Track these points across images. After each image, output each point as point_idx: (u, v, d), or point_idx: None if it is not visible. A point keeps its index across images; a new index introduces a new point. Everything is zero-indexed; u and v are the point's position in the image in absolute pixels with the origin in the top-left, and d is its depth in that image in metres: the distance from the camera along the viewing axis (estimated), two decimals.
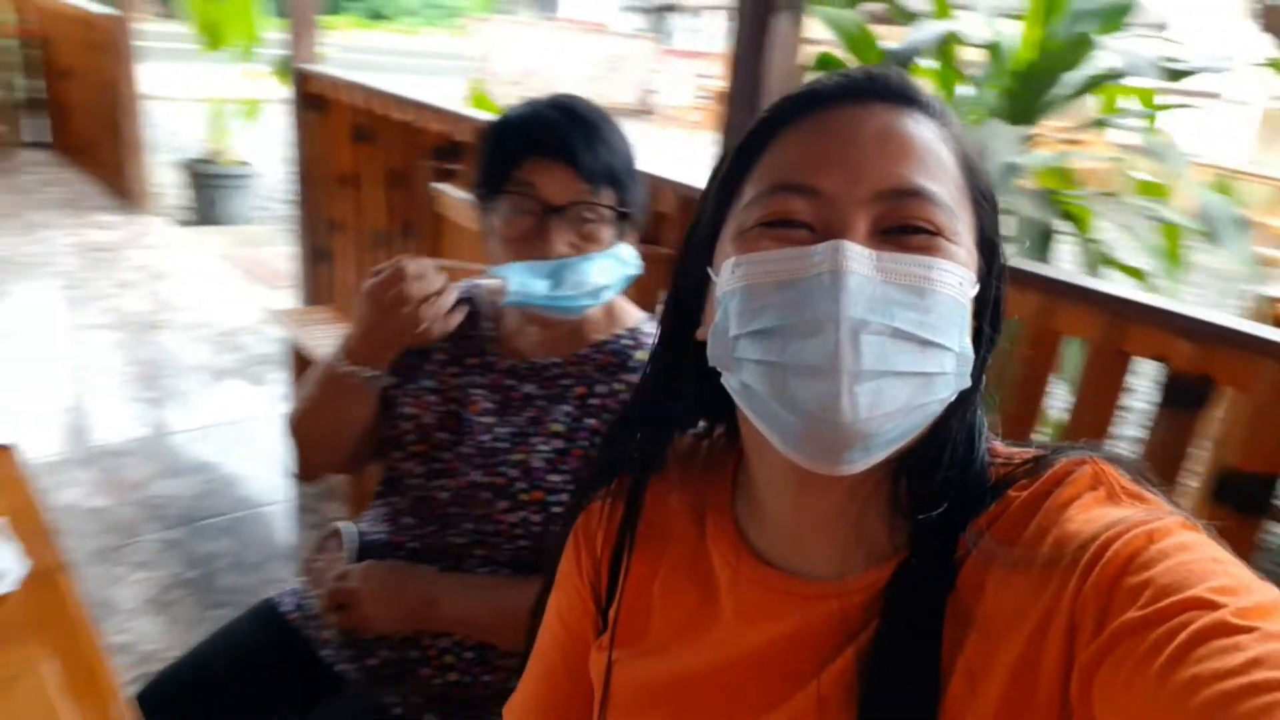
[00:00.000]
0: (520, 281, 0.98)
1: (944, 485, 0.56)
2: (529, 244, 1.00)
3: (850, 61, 1.86)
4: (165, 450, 2.70)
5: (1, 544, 0.93)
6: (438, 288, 1.02)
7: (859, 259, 0.51)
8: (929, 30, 1.75)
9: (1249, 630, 0.41)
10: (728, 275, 0.56)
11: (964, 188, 0.57)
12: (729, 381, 0.56)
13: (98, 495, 2.42)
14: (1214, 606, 0.42)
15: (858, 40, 1.77)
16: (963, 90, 1.93)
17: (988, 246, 0.59)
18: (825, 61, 1.84)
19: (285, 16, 3.08)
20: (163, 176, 5.30)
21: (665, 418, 0.66)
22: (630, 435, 0.67)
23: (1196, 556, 0.46)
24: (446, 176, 2.53)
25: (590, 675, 0.67)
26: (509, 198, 1.00)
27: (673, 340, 0.64)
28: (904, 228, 0.53)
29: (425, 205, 2.44)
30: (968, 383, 0.55)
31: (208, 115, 5.16)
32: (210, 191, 5.17)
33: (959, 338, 0.54)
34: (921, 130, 0.56)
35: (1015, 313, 1.18)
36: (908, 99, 0.57)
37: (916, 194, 0.53)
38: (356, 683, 1.08)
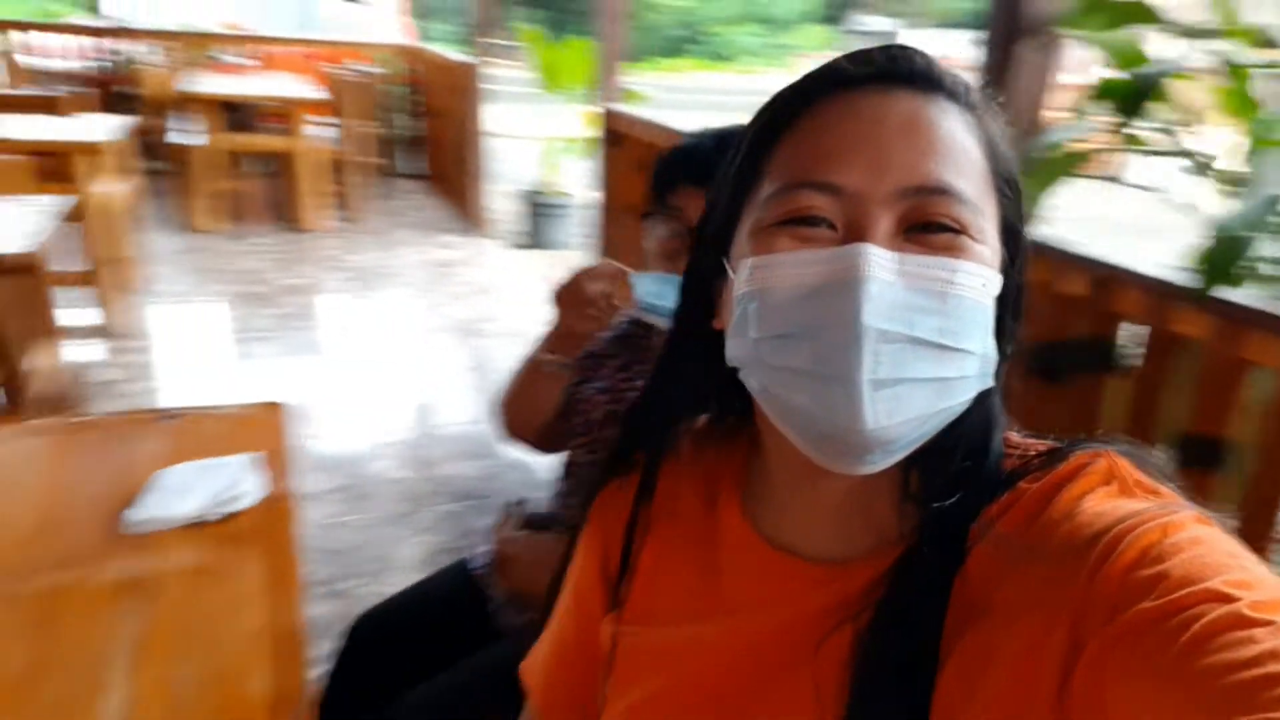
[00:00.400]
0: (651, 291, 1.06)
1: (957, 475, 0.55)
2: (673, 262, 1.08)
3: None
4: (464, 436, 3.08)
5: (252, 471, 1.16)
6: (607, 290, 1.13)
7: (880, 264, 0.50)
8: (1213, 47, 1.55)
9: (1264, 624, 0.40)
10: (746, 276, 0.55)
11: (988, 177, 0.55)
12: (748, 380, 0.56)
13: (403, 469, 2.82)
14: (1229, 600, 0.42)
15: (1130, 59, 1.60)
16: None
17: (1011, 235, 0.57)
18: (1109, 89, 1.67)
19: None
20: (501, 204, 6.00)
21: (680, 403, 0.67)
22: (646, 419, 0.68)
23: (1211, 550, 0.46)
24: None
25: (597, 646, 0.70)
26: (661, 219, 1.09)
27: (688, 328, 0.65)
28: (928, 225, 0.52)
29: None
30: (990, 383, 0.54)
31: (542, 150, 5.78)
32: (540, 218, 5.78)
33: (981, 339, 0.53)
34: (947, 119, 0.54)
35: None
36: (933, 83, 0.55)
37: (942, 191, 0.52)
38: (511, 636, 1.19)
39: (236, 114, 5.06)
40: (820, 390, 0.51)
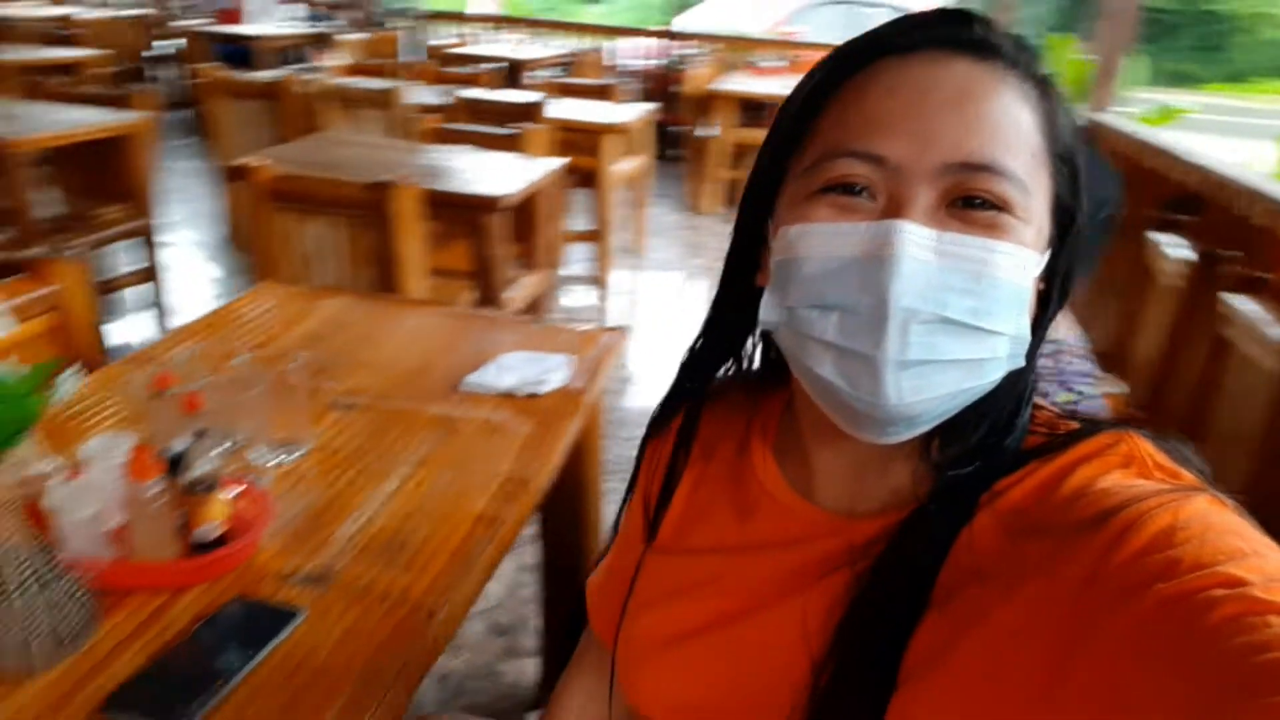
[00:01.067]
0: None
1: (976, 447, 0.56)
2: None
3: None
4: None
5: (565, 368, 1.42)
6: None
7: (916, 242, 0.50)
8: None
9: (1278, 608, 0.40)
10: (784, 242, 0.56)
11: (1042, 152, 0.54)
12: (781, 342, 0.58)
13: None
14: (1242, 583, 0.41)
15: None
16: None
17: (1063, 212, 0.55)
18: None
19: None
20: None
21: (721, 356, 0.69)
22: (691, 369, 0.70)
23: (1223, 534, 0.45)
24: (1168, 226, 2.34)
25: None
26: None
27: (732, 284, 0.65)
28: (971, 200, 0.51)
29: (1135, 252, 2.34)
30: (1021, 363, 0.54)
31: None
32: None
33: (1015, 320, 0.52)
34: (1002, 90, 0.52)
35: None
36: (991, 50, 0.53)
37: (987, 168, 0.51)
38: None
39: (752, 112, 5.58)
40: (846, 365, 0.52)
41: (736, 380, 0.71)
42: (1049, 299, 0.57)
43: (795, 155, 0.57)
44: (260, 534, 0.99)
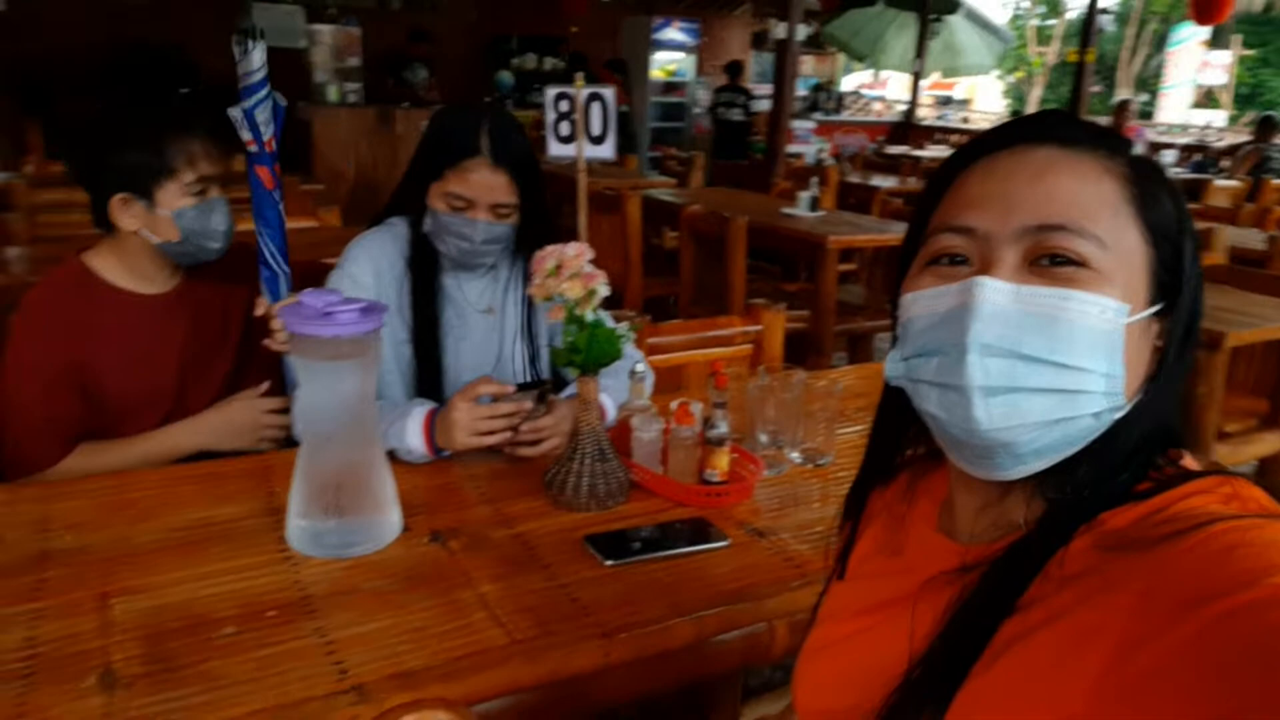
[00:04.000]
0: None
1: (1085, 482, 0.61)
2: None
3: None
4: None
5: None
6: None
7: (995, 291, 0.59)
8: None
9: None
10: (902, 308, 0.66)
11: (1127, 215, 0.60)
12: (909, 391, 0.66)
13: None
14: None
15: None
16: None
17: (1169, 278, 0.61)
18: None
19: None
20: None
21: (894, 433, 0.76)
22: (870, 449, 0.79)
23: None
24: None
25: None
26: None
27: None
28: (1053, 258, 0.59)
29: None
30: (1120, 402, 0.60)
31: None
32: None
33: (1103, 360, 0.58)
34: (1080, 166, 0.60)
35: None
36: (1074, 139, 0.61)
37: (1061, 228, 0.58)
38: None
39: None
40: (945, 398, 0.62)
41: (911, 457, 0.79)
42: (1165, 355, 0.62)
43: (918, 243, 0.68)
44: (747, 494, 1.33)
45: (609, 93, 2.40)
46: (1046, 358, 0.57)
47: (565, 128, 2.38)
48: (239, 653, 0.95)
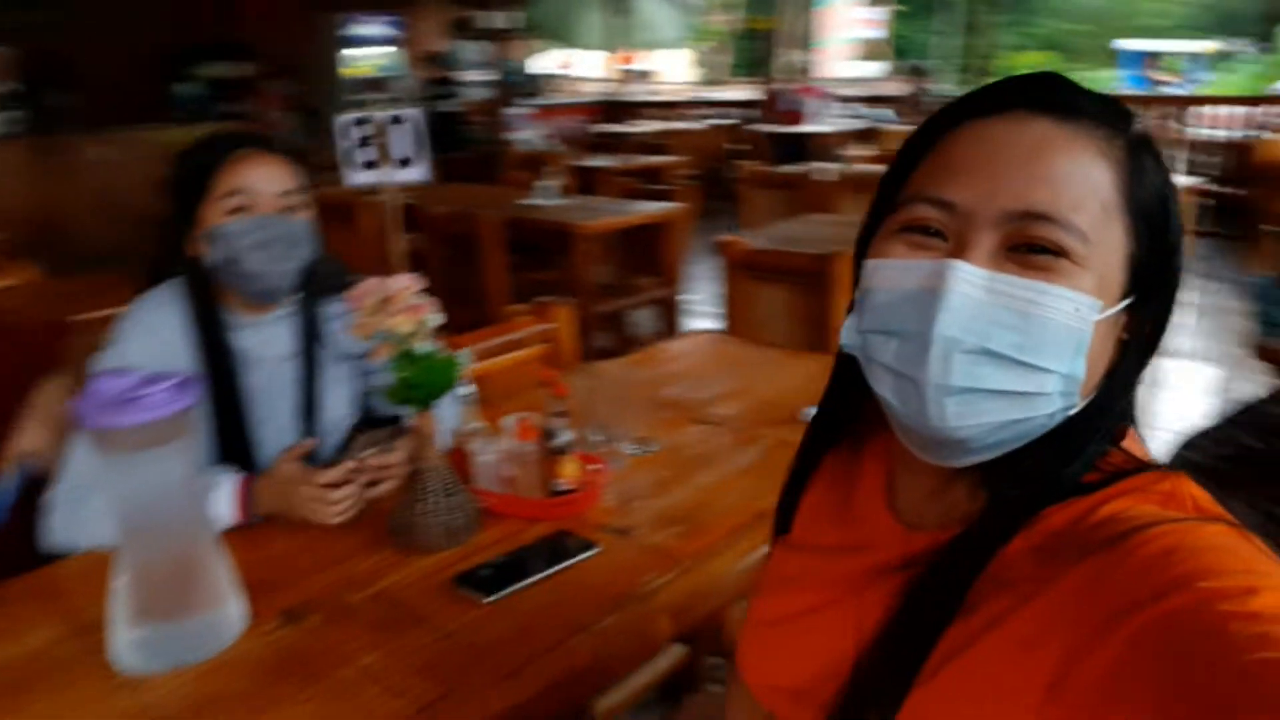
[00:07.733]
0: None
1: (1030, 475, 0.59)
2: None
3: None
4: None
5: None
6: None
7: (968, 279, 0.55)
8: None
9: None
10: (865, 274, 0.63)
11: (1115, 208, 0.57)
12: (863, 365, 0.64)
13: None
14: (1250, 592, 0.45)
15: None
16: None
17: (1142, 270, 0.58)
18: None
19: None
20: None
21: (845, 395, 0.73)
22: (822, 408, 0.77)
23: (1232, 555, 0.48)
24: None
25: None
26: None
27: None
28: (1031, 246, 0.56)
29: None
30: (1075, 402, 0.57)
31: None
32: None
33: (1067, 360, 0.56)
34: (1075, 147, 0.56)
35: None
36: (1072, 110, 0.57)
37: (1047, 218, 0.55)
38: None
39: None
40: (900, 387, 0.59)
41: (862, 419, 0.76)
42: (1126, 351, 0.60)
43: (889, 205, 0.63)
44: (596, 496, 1.33)
45: (415, 113, 2.26)
46: (1014, 356, 0.55)
47: (366, 154, 2.21)
48: None
